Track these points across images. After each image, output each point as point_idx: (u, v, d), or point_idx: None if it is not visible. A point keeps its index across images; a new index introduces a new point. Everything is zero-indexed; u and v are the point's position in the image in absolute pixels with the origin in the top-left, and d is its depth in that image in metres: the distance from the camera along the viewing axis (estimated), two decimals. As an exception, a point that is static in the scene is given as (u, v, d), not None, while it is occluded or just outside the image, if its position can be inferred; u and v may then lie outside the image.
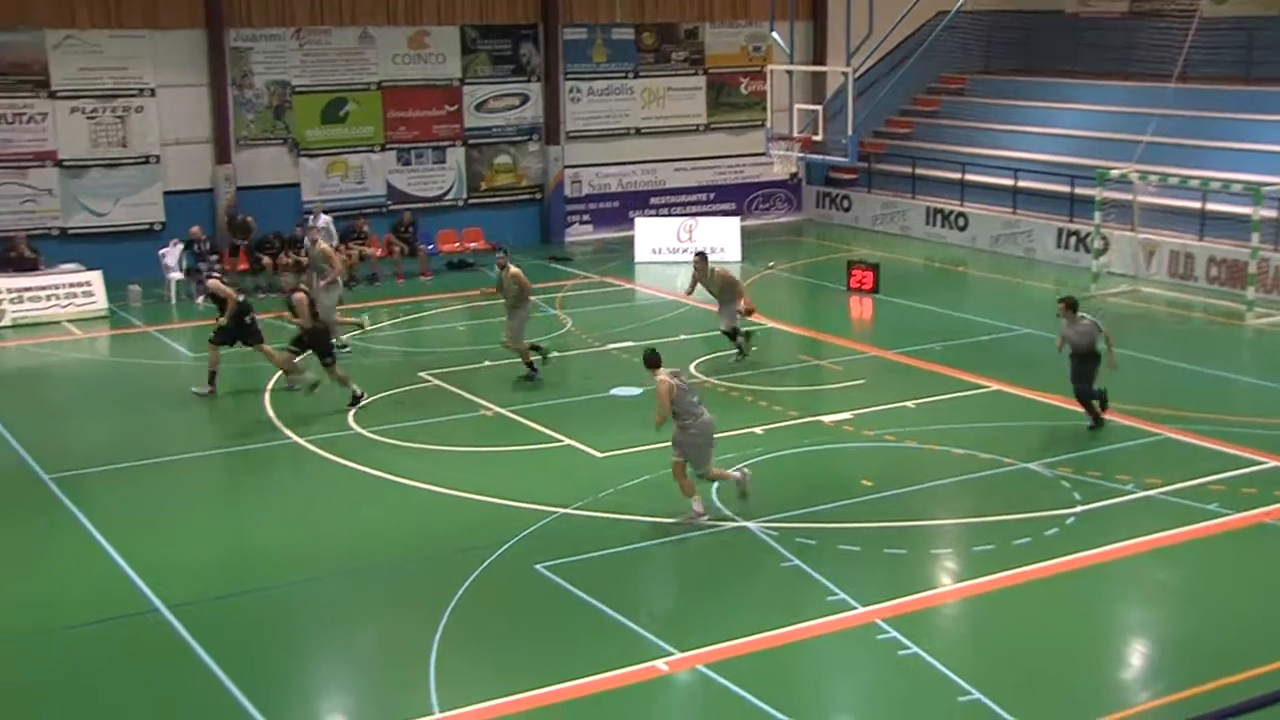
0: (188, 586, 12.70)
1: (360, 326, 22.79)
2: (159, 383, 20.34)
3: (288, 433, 17.52)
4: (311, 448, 16.89)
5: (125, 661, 11.42)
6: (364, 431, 17.45)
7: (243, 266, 26.86)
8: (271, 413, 18.48)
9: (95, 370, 22.01)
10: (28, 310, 24.23)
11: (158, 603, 12.29)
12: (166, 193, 28.30)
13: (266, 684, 10.83)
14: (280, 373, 19.40)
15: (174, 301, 25.61)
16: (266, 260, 26.89)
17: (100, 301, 24.96)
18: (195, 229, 26.59)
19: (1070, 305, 17.10)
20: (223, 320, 19.49)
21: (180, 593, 12.52)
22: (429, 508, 14.85)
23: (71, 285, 24.93)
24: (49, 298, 24.65)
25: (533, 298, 20.70)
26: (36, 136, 27.08)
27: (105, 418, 18.99)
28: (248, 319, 19.58)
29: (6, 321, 24.05)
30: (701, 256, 21.49)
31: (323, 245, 22.51)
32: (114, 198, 27.87)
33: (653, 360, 14.31)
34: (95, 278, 25.08)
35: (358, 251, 27.85)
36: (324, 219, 25.80)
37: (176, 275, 26.15)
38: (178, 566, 13.25)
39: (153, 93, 28.04)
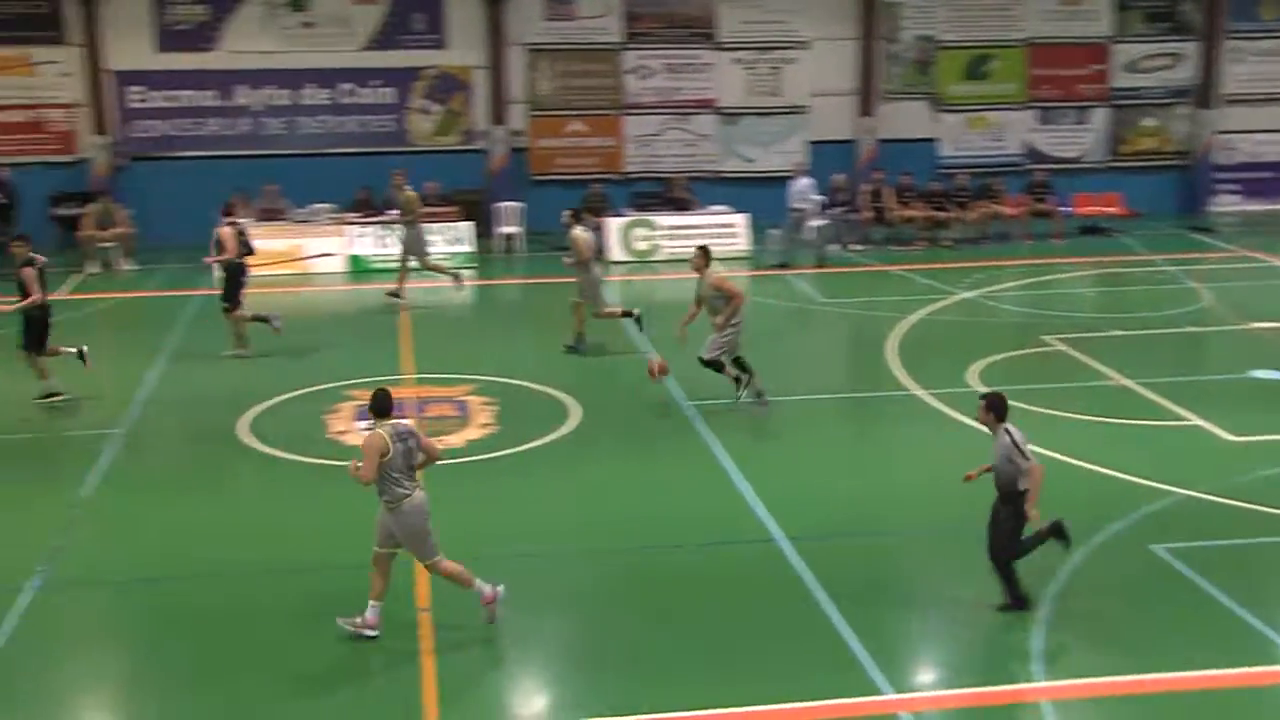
0: (806, 521, 13.31)
1: (456, 278, 22.52)
2: (789, 324, 21.35)
3: (909, 384, 17.92)
4: (932, 401, 17.19)
5: (736, 584, 12.07)
6: (982, 390, 17.48)
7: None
8: (896, 363, 18.94)
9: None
10: (680, 247, 26.20)
11: (776, 533, 13.01)
12: (810, 142, 29.49)
13: (874, 628, 11.15)
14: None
15: (815, 247, 26.68)
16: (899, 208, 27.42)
17: (743, 243, 26.52)
18: (838, 178, 27.57)
19: (993, 408, 11.17)
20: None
21: (798, 526, 13.14)
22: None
23: (719, 225, 26.68)
24: (699, 236, 26.50)
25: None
26: (700, 85, 29.08)
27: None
28: None
29: (662, 256, 26.17)
30: (702, 251, 16.90)
31: (409, 192, 22.41)
32: (763, 144, 29.43)
33: (380, 406, 10.77)
34: (741, 220, 26.68)
35: (991, 209, 27.81)
36: (804, 181, 25.66)
37: (815, 221, 27.25)
38: (798, 501, 13.91)
39: (807, 45, 29.23)
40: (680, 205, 27.18)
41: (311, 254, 25.32)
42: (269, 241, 25.26)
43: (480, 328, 21.82)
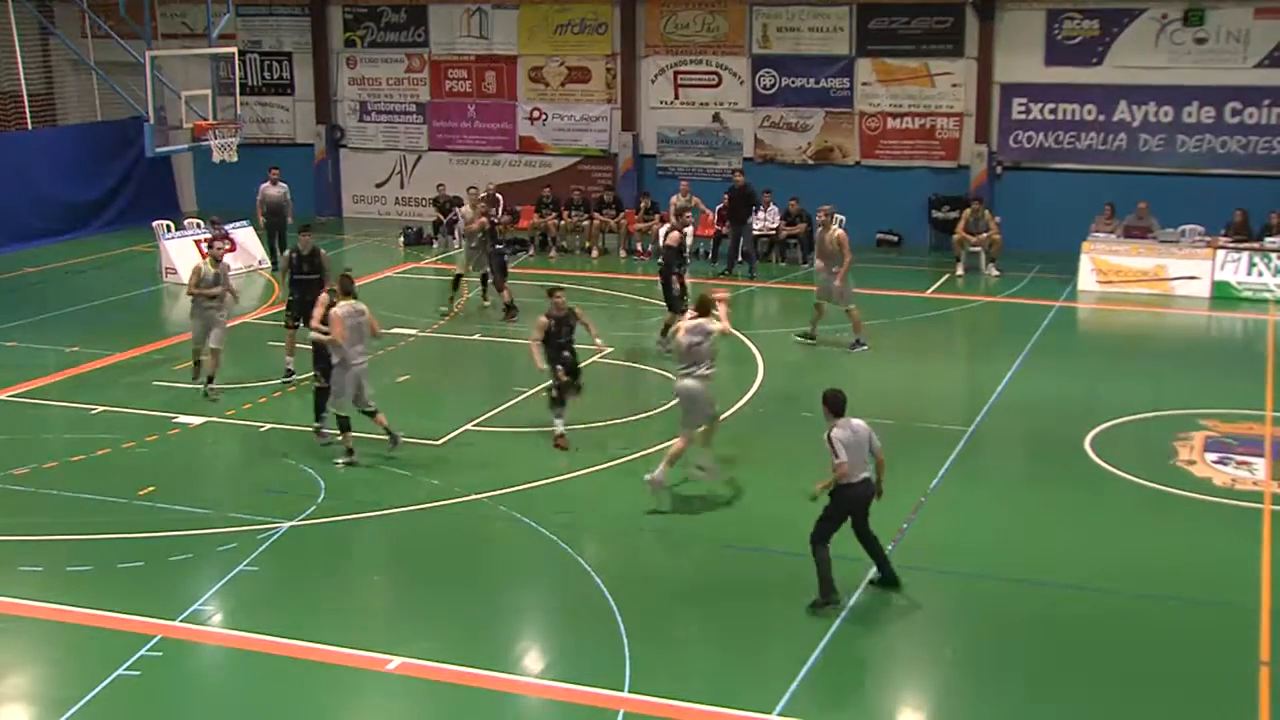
0: None
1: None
2: None
3: None
4: None
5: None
6: None
7: None
8: None
9: None
10: None
11: None
12: None
13: None
14: None
15: None
16: None
17: None
18: None
19: (826, 403, 12.11)
20: None
21: None
22: None
23: None
24: None
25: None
26: None
27: None
28: None
29: None
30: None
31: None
32: None
33: (344, 286, 15.57)
34: None
35: None
36: None
37: None
38: None
39: None
40: None
41: (1174, 275, 24.86)
42: (1130, 259, 25.19)
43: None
